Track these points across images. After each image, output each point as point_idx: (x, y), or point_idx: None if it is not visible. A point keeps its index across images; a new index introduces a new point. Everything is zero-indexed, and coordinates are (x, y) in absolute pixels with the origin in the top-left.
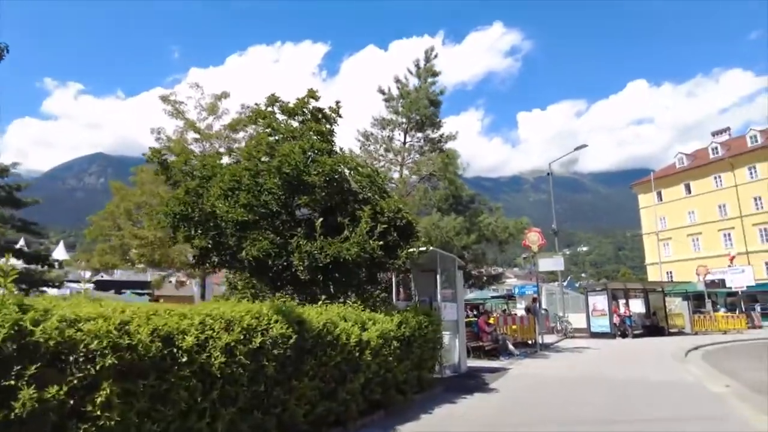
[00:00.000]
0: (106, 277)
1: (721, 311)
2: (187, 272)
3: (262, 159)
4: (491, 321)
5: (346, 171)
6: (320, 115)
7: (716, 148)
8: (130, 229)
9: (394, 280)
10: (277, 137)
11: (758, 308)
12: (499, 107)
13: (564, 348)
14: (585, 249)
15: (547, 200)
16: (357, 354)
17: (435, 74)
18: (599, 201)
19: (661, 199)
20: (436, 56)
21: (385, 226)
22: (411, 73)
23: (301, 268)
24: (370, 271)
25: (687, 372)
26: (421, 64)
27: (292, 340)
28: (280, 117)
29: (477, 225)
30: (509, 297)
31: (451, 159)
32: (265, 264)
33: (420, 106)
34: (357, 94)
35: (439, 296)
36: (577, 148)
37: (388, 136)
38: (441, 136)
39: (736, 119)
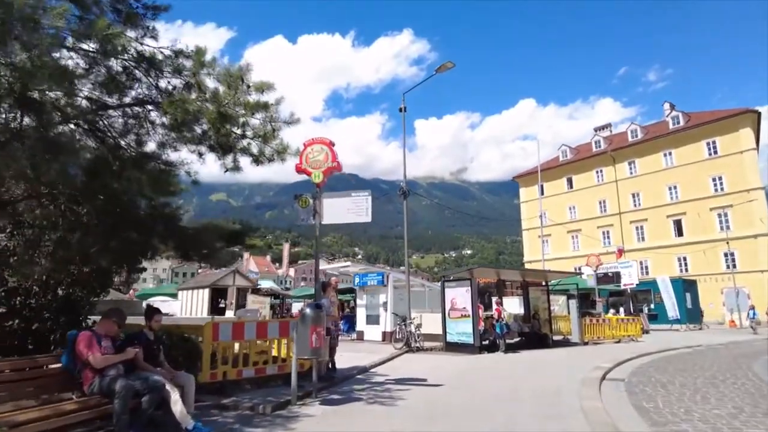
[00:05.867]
0: None
1: (610, 312)
2: None
3: None
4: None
5: None
6: None
7: (599, 141)
8: None
9: None
10: None
11: (646, 309)
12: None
13: (378, 384)
14: (469, 252)
15: (437, 205)
16: None
17: None
18: (484, 208)
19: (543, 193)
20: None
21: None
22: None
23: None
24: None
25: None
26: None
27: None
28: None
29: None
30: (351, 291)
31: None
32: None
33: None
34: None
35: None
36: (437, 69)
37: None
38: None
39: None
